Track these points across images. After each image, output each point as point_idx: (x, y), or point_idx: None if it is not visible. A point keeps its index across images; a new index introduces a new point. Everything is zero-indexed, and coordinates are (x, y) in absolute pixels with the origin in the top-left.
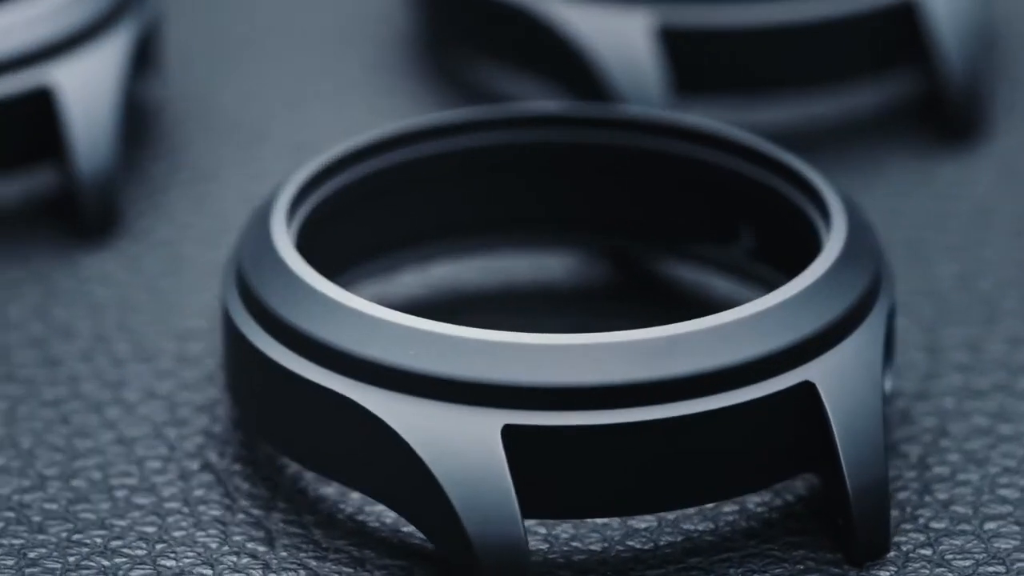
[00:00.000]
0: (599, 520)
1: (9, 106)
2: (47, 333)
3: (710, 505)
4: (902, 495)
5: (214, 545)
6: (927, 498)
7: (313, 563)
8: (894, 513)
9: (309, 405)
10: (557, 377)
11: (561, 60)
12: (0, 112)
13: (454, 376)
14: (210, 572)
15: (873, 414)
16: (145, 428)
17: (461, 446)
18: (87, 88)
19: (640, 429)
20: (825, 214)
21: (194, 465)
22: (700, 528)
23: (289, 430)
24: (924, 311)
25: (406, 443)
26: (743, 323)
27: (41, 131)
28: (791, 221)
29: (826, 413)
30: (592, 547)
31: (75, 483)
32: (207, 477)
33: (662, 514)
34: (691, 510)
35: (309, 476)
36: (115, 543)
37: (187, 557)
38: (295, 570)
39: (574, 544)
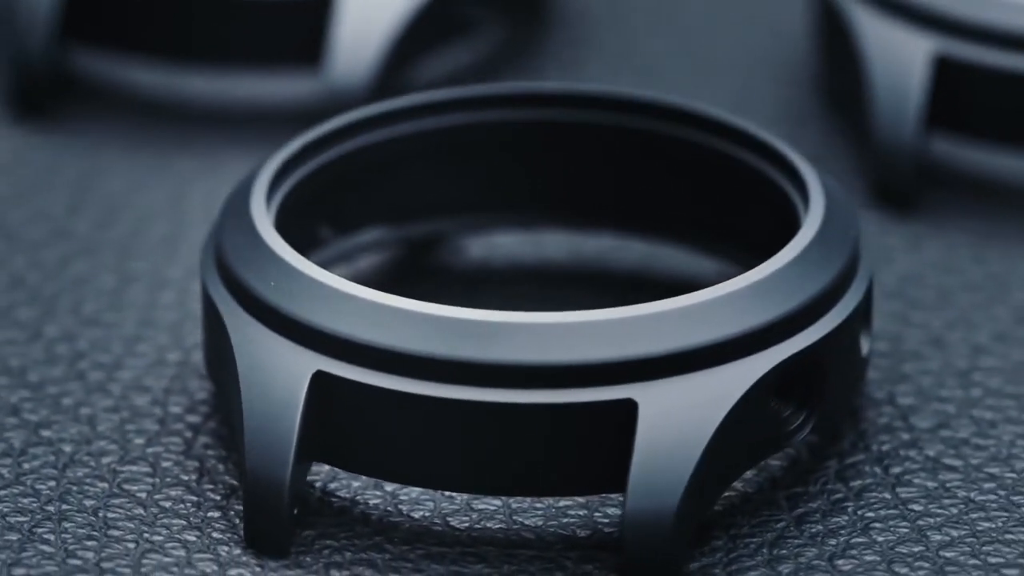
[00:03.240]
0: (448, 492)
1: (288, 8)
2: (193, 221)
3: (563, 503)
4: (746, 541)
5: (102, 427)
6: (763, 551)
7: (167, 463)
8: (719, 556)
9: (208, 324)
10: (378, 337)
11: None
12: (278, 13)
13: (291, 313)
14: (73, 442)
15: (690, 452)
16: (172, 318)
17: (272, 379)
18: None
19: (444, 405)
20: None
21: (171, 357)
22: (529, 522)
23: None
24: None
25: (235, 363)
26: (588, 326)
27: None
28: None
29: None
30: (413, 514)
31: (58, 348)
32: (169, 371)
33: (511, 500)
34: (540, 504)
35: None
36: (24, 399)
37: (67, 432)
38: (139, 464)
39: (401, 507)
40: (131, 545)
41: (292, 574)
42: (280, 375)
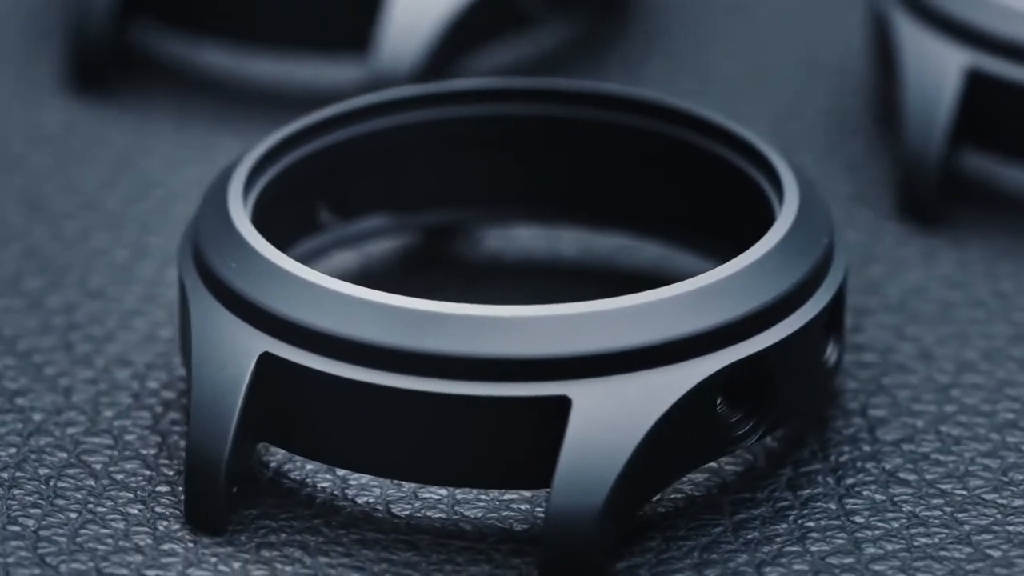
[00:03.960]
0: (396, 480)
1: None
2: None
3: (507, 496)
4: (680, 543)
5: (76, 398)
6: (694, 554)
7: (130, 437)
8: (648, 556)
9: (179, 302)
10: (322, 321)
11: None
12: None
13: (244, 293)
14: (44, 412)
15: (620, 452)
16: (174, 295)
17: (221, 357)
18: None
19: (381, 392)
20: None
21: (163, 334)
22: (469, 513)
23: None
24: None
25: (192, 338)
26: (528, 321)
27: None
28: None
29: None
30: (358, 499)
31: (55, 319)
32: (158, 347)
33: (457, 490)
34: (485, 496)
35: None
36: (7, 367)
37: (40, 401)
38: (103, 435)
39: (347, 492)
40: (73, 515)
41: (223, 551)
42: (229, 354)
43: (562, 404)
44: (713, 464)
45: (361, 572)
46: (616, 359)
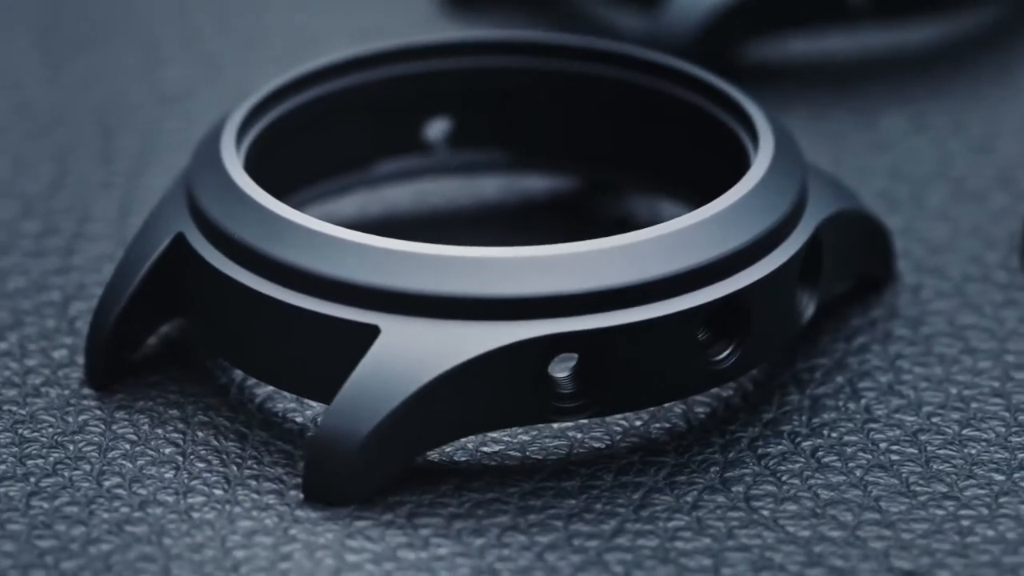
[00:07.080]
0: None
1: None
2: None
3: None
4: (466, 496)
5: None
6: (465, 506)
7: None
8: (425, 498)
9: None
10: (213, 214)
11: None
12: None
13: (188, 175)
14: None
15: (402, 388)
16: None
17: (152, 227)
18: None
19: (240, 290)
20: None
21: None
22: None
23: None
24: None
25: None
26: (377, 252)
27: None
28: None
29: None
30: (248, 390)
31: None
32: None
33: None
34: None
35: None
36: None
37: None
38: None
39: (246, 383)
40: (3, 346)
41: (85, 404)
42: (157, 227)
43: (371, 333)
44: (577, 434)
45: (172, 463)
46: (434, 302)
